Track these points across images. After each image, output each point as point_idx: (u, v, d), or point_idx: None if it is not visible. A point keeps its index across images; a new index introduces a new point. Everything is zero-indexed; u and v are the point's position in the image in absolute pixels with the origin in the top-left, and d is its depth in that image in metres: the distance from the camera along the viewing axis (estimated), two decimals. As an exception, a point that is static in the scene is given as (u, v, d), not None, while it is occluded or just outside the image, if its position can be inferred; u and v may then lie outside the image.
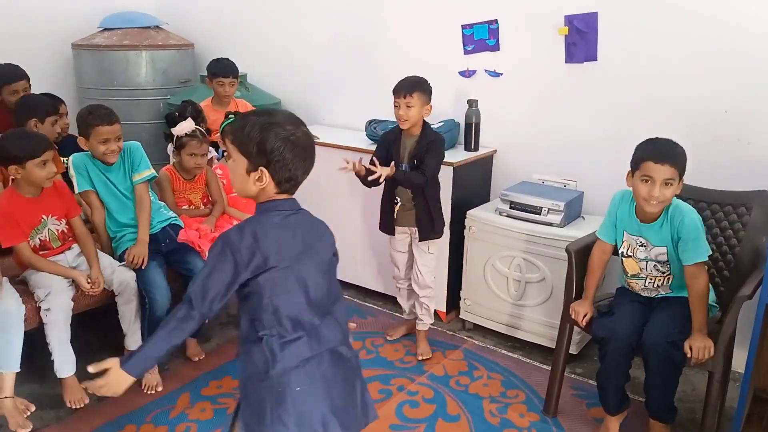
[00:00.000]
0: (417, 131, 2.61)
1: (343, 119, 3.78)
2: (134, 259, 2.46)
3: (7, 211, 2.29)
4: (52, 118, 2.83)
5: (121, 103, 3.92)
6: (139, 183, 2.61)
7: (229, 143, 1.44)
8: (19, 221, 2.31)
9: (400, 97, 2.54)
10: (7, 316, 2.17)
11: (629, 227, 2.15)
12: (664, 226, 2.07)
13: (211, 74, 3.44)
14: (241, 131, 1.41)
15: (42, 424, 2.30)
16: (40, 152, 2.26)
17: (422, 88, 2.55)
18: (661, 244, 2.09)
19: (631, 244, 2.16)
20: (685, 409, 2.44)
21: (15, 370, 2.21)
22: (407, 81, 2.56)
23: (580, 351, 2.76)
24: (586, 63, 2.87)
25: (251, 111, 1.57)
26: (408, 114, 2.54)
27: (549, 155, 3.07)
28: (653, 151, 2.00)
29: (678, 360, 1.99)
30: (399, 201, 2.69)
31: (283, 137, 1.40)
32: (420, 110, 2.55)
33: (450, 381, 2.61)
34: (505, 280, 2.85)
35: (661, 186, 1.98)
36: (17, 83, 3.15)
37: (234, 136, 1.43)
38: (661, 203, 2.02)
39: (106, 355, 2.73)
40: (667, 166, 1.97)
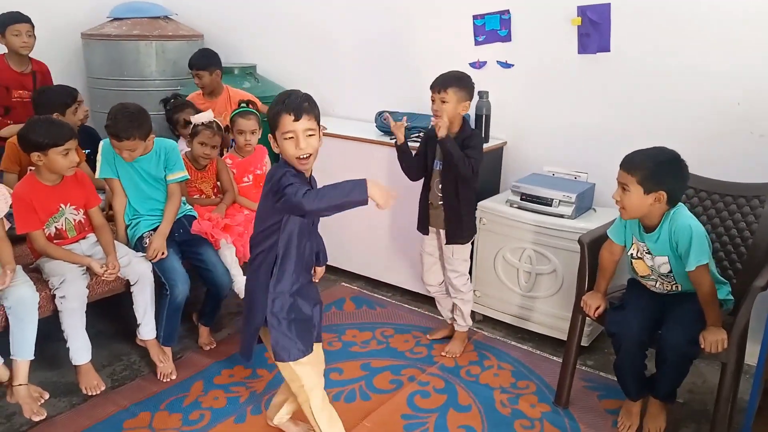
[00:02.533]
0: (455, 129, 2.50)
1: (352, 111, 3.77)
2: (155, 253, 2.48)
3: (27, 198, 2.30)
4: (72, 108, 2.85)
5: (131, 93, 3.93)
6: (173, 183, 2.64)
7: None
8: (36, 208, 2.32)
9: (435, 91, 2.46)
10: (22, 304, 2.18)
11: (636, 233, 2.16)
12: (661, 236, 2.07)
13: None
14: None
15: (56, 411, 2.31)
16: (63, 141, 2.27)
17: (459, 83, 2.46)
18: (661, 254, 2.09)
19: (639, 248, 2.16)
20: (696, 401, 2.44)
21: (29, 357, 2.22)
22: (444, 75, 2.48)
23: (591, 343, 2.76)
24: (598, 54, 2.86)
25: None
26: (441, 109, 2.45)
27: (560, 147, 3.07)
28: (624, 157, 2.06)
29: (694, 354, 2.00)
30: (430, 198, 2.64)
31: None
32: (456, 106, 2.45)
33: (460, 371, 2.61)
34: (515, 272, 2.86)
35: (620, 189, 2.04)
36: (20, 25, 3.22)
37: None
38: (623, 209, 2.06)
39: (120, 344, 2.80)
40: (621, 171, 2.04)
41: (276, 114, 1.71)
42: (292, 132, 1.70)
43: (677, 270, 2.09)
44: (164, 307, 2.48)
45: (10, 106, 3.29)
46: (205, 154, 2.81)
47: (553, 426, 2.28)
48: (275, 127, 1.73)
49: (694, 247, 1.99)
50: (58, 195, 2.39)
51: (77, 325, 2.31)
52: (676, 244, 2.04)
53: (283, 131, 1.71)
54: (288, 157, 1.74)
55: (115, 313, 2.66)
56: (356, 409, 2.34)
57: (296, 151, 1.71)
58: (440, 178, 2.57)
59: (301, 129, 1.70)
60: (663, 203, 2.00)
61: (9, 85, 3.28)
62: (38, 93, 2.96)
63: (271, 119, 1.74)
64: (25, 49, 3.29)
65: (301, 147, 1.71)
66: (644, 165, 1.98)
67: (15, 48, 3.26)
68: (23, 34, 3.24)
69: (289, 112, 1.69)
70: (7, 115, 3.30)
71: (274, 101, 1.75)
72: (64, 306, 2.27)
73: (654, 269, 2.13)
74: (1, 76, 3.26)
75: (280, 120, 1.70)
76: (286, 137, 1.71)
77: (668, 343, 2.01)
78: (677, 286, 2.14)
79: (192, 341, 2.79)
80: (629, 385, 2.19)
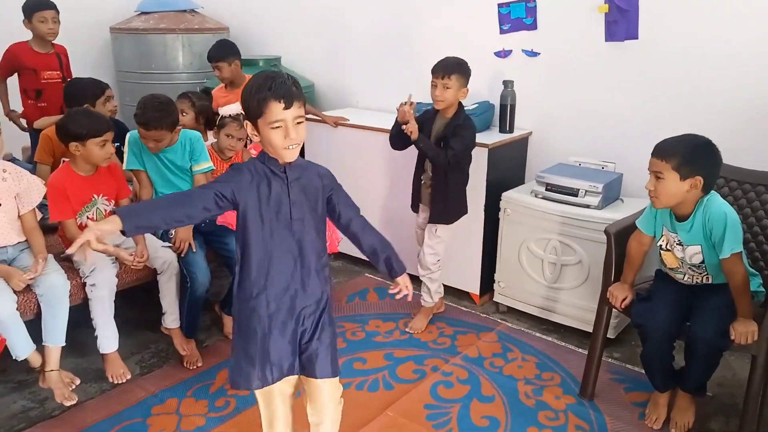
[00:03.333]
0: (450, 114, 2.59)
1: (375, 102, 3.77)
2: (181, 245, 2.51)
3: (61, 187, 2.36)
4: (101, 99, 2.91)
5: (158, 86, 3.98)
6: (198, 174, 2.67)
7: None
8: (70, 197, 2.38)
9: (438, 77, 2.51)
10: (53, 292, 2.24)
11: (668, 224, 2.11)
12: (695, 224, 2.02)
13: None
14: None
15: (86, 396, 2.37)
16: (102, 132, 2.33)
17: (461, 70, 2.52)
18: (693, 243, 2.04)
19: (670, 240, 2.11)
20: (725, 394, 2.40)
21: (61, 344, 2.28)
22: (447, 61, 2.53)
23: (617, 335, 2.72)
24: (626, 42, 2.80)
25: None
26: (444, 95, 2.52)
27: (587, 137, 3.02)
28: (655, 145, 2.00)
29: (725, 346, 1.96)
30: (423, 180, 2.71)
31: None
32: (456, 92, 2.53)
33: (484, 362, 2.60)
34: (540, 263, 2.83)
35: (653, 178, 1.98)
36: (46, 11, 3.31)
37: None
38: (655, 198, 2.00)
39: (148, 332, 2.84)
40: (654, 159, 1.97)
41: (261, 101, 1.48)
42: (282, 121, 1.49)
43: (709, 260, 2.04)
44: (185, 299, 2.52)
45: (41, 89, 3.39)
46: (231, 146, 2.84)
47: (578, 418, 2.26)
48: (258, 115, 1.51)
49: (729, 234, 1.94)
50: (92, 185, 2.44)
51: (106, 313, 2.36)
52: (710, 232, 1.99)
53: (270, 120, 1.49)
54: (273, 147, 1.53)
55: (144, 302, 2.70)
56: (379, 398, 2.35)
57: (285, 141, 1.51)
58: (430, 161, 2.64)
59: (291, 117, 1.50)
60: (699, 189, 1.95)
61: (36, 68, 3.38)
62: (69, 84, 3.02)
63: (254, 106, 1.50)
64: (51, 35, 3.38)
65: (292, 137, 1.51)
66: (679, 150, 1.93)
67: (41, 34, 3.36)
68: (49, 20, 3.34)
69: (278, 99, 1.47)
70: (39, 98, 3.41)
71: (253, 85, 1.52)
72: (94, 294, 2.32)
73: (684, 261, 2.09)
74: (27, 59, 3.37)
75: (267, 107, 1.48)
76: (273, 126, 1.50)
77: (698, 335, 1.98)
78: (707, 278, 2.09)
79: (218, 329, 2.83)
80: (657, 377, 2.16)
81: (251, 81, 1.53)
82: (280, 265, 1.60)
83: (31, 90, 3.41)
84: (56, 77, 3.42)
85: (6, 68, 3.43)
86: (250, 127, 1.55)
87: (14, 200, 2.27)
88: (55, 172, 2.47)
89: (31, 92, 3.42)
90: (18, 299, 2.17)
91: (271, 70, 1.55)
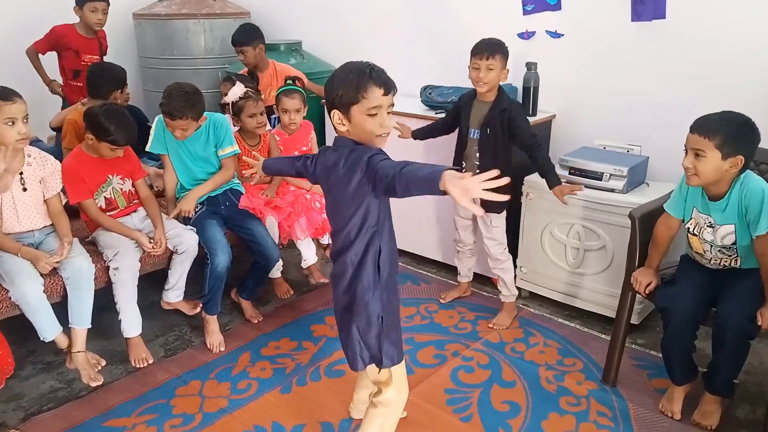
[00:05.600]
0: (491, 97, 2.52)
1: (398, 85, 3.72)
2: (181, 214, 2.58)
3: (74, 169, 2.41)
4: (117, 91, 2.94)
5: (181, 72, 4.01)
6: (225, 158, 2.69)
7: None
8: (85, 179, 2.42)
9: (482, 58, 2.43)
10: (79, 275, 2.28)
11: (699, 205, 2.05)
12: (730, 202, 1.96)
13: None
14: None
15: (112, 377, 2.41)
16: (120, 144, 2.39)
17: (503, 50, 2.46)
18: (727, 222, 1.99)
19: (699, 223, 2.06)
20: (752, 382, 2.35)
21: (87, 326, 2.33)
22: (489, 42, 2.46)
23: (641, 321, 2.68)
24: (654, 21, 2.73)
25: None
26: (488, 77, 2.44)
27: (612, 120, 2.96)
28: (695, 121, 1.93)
29: (753, 333, 1.91)
30: (464, 165, 2.64)
31: None
32: (499, 74, 2.45)
33: (505, 348, 2.59)
34: (563, 248, 2.79)
35: (692, 156, 1.91)
36: (98, 2, 3.49)
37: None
38: (694, 176, 1.93)
39: (172, 315, 2.88)
40: (696, 135, 1.90)
41: (360, 86, 1.51)
42: (379, 108, 1.53)
43: (741, 242, 1.99)
44: (206, 276, 2.53)
45: (80, 70, 3.51)
46: (259, 122, 2.79)
47: (600, 404, 2.24)
48: (354, 101, 1.53)
49: (766, 210, 1.89)
50: (106, 166, 2.48)
51: (129, 297, 2.40)
52: (745, 210, 1.94)
53: (369, 106, 1.52)
54: (366, 134, 1.56)
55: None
56: (400, 382, 2.36)
57: (380, 128, 1.55)
58: (478, 147, 2.57)
59: (387, 104, 1.55)
60: (738, 168, 1.90)
61: (79, 49, 3.54)
62: (97, 69, 3.01)
63: (350, 92, 1.52)
64: (99, 25, 3.56)
65: (387, 124, 1.55)
66: (723, 129, 1.87)
67: (90, 23, 3.52)
68: (99, 11, 3.51)
69: (379, 85, 1.52)
70: (77, 78, 3.56)
71: (349, 71, 1.55)
72: (117, 278, 2.36)
73: (714, 243, 2.04)
74: (71, 41, 3.53)
75: (368, 92, 1.51)
76: (371, 113, 1.53)
77: (725, 319, 1.93)
78: (736, 260, 2.04)
79: (238, 314, 2.86)
80: (675, 366, 2.11)
81: (342, 70, 1.57)
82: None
83: (69, 70, 3.58)
84: (95, 61, 3.55)
85: (47, 45, 3.57)
86: (337, 115, 1.57)
87: (39, 185, 2.31)
88: (67, 156, 2.50)
89: (69, 72, 3.59)
90: (45, 282, 2.22)
91: (356, 61, 1.59)
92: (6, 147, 2.14)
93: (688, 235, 2.12)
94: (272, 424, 2.14)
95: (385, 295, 1.69)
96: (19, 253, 2.20)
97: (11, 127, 2.12)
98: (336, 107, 1.57)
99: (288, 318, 2.85)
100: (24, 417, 2.19)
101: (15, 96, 2.13)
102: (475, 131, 2.56)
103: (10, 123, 2.11)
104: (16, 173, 2.23)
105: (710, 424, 2.09)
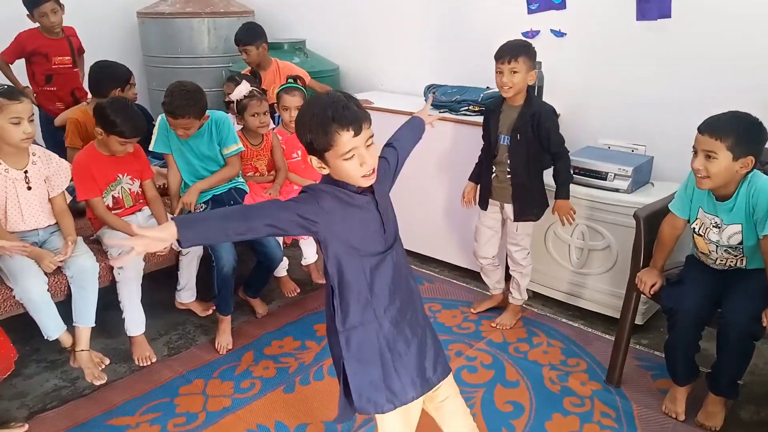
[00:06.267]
0: (520, 101, 2.44)
1: (401, 85, 3.74)
2: (181, 206, 2.58)
3: (86, 166, 2.41)
4: (127, 85, 2.93)
5: (184, 70, 4.01)
6: (229, 156, 2.69)
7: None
8: (95, 176, 2.42)
9: (504, 62, 2.34)
10: (83, 273, 2.28)
11: (705, 205, 2.04)
12: (737, 202, 1.95)
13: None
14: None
15: (116, 376, 2.42)
16: (128, 137, 2.37)
17: (528, 52, 2.37)
18: (734, 222, 1.98)
19: (705, 223, 2.05)
20: (757, 383, 2.34)
21: (90, 324, 2.33)
22: (512, 44, 2.39)
23: (646, 321, 2.67)
24: (659, 20, 2.72)
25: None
26: (513, 80, 2.35)
27: (616, 119, 2.95)
28: (704, 121, 1.91)
29: (758, 334, 1.90)
30: (495, 171, 2.57)
31: None
32: (525, 77, 2.36)
33: (509, 348, 2.59)
34: (566, 248, 2.79)
35: (703, 157, 1.89)
36: (43, 6, 3.29)
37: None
38: (706, 179, 1.90)
39: (176, 314, 2.88)
40: (705, 137, 1.87)
41: (325, 132, 1.30)
42: (354, 149, 1.32)
43: (748, 241, 1.98)
44: (214, 278, 2.54)
45: (52, 74, 3.42)
46: (262, 122, 2.79)
47: (604, 404, 2.23)
48: (326, 149, 1.33)
49: None
50: (116, 164, 2.49)
51: (133, 296, 2.40)
52: (752, 209, 1.93)
53: (342, 152, 1.32)
54: (350, 178, 1.37)
55: (171, 284, 2.74)
56: (403, 382, 2.35)
57: (361, 170, 1.35)
58: (508, 154, 2.50)
59: (362, 142, 1.33)
60: (748, 169, 1.89)
61: (48, 52, 3.41)
62: (101, 67, 2.98)
63: (319, 140, 1.32)
64: (56, 27, 3.39)
65: (368, 163, 1.34)
66: (734, 130, 1.85)
67: (46, 27, 3.37)
68: (48, 13, 3.32)
69: (345, 128, 1.30)
70: (49, 83, 3.44)
71: (313, 116, 1.32)
72: (122, 276, 2.36)
73: (719, 244, 2.03)
74: (39, 45, 3.39)
75: (335, 139, 1.30)
76: (346, 157, 1.33)
77: (729, 319, 1.93)
78: (742, 260, 2.03)
79: (241, 312, 2.85)
80: (678, 367, 2.10)
81: (307, 111, 1.35)
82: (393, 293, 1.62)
83: (40, 75, 3.45)
84: (67, 62, 3.46)
85: (14, 54, 3.44)
86: (315, 161, 1.38)
87: (44, 183, 2.32)
88: (79, 152, 2.51)
89: (40, 77, 3.45)
90: (49, 281, 2.22)
91: (323, 94, 1.37)
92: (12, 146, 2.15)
93: (693, 235, 2.12)
94: (275, 424, 2.14)
95: (354, 339, 1.48)
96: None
97: (17, 127, 2.13)
98: (311, 153, 1.38)
99: (292, 317, 2.85)
100: (28, 415, 2.20)
101: (21, 95, 2.15)
102: (506, 137, 2.49)
103: (15, 122, 2.12)
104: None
105: (714, 425, 2.09)
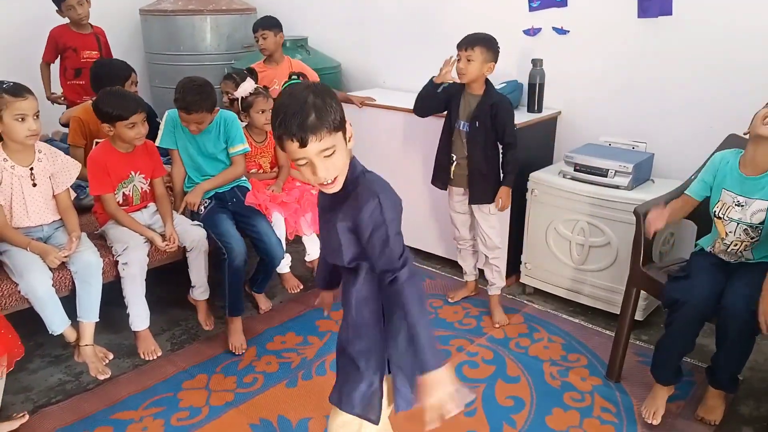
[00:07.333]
0: (479, 90, 2.56)
1: (403, 82, 3.74)
2: (187, 207, 2.61)
3: (101, 161, 2.43)
4: (126, 83, 2.94)
5: (187, 68, 4.01)
6: (235, 155, 2.71)
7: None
8: (109, 173, 2.45)
9: (461, 50, 2.51)
10: (87, 269, 2.29)
11: (731, 184, 2.05)
12: None
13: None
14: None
15: (120, 371, 2.44)
16: (128, 114, 2.37)
17: (485, 44, 2.49)
18: (764, 198, 1.98)
19: (726, 202, 2.06)
20: (757, 379, 2.36)
21: (94, 319, 2.35)
22: (473, 35, 2.52)
23: (646, 317, 2.69)
24: (660, 18, 2.73)
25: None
26: (467, 68, 2.49)
27: (617, 116, 2.96)
28: None
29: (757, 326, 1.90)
30: (455, 159, 2.66)
31: None
32: (480, 66, 2.49)
33: (510, 343, 2.60)
34: (567, 244, 2.80)
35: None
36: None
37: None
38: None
39: (179, 309, 2.90)
40: None
41: (277, 137, 1.27)
42: (304, 158, 1.26)
43: None
44: (225, 275, 2.54)
45: (81, 68, 3.56)
46: (268, 119, 2.78)
47: (604, 399, 2.25)
48: (283, 149, 1.29)
49: None
50: (130, 162, 2.50)
51: (137, 291, 2.41)
52: None
53: (292, 158, 1.27)
54: (311, 182, 1.33)
55: (175, 280, 2.76)
56: (404, 377, 2.37)
57: (315, 178, 1.28)
58: (466, 140, 2.60)
59: (314, 153, 1.25)
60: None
61: (77, 47, 3.58)
62: (99, 65, 3.05)
63: (276, 140, 1.30)
64: (84, 19, 3.56)
65: (319, 175, 1.27)
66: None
67: (74, 20, 3.55)
68: (75, 6, 3.50)
69: (290, 139, 1.22)
70: (78, 77, 3.59)
71: (274, 108, 1.29)
72: (126, 272, 2.38)
73: (741, 221, 2.03)
74: (68, 39, 3.57)
75: (285, 146, 1.26)
76: (299, 164, 1.28)
77: (729, 310, 1.92)
78: (755, 243, 2.03)
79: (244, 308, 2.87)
80: (667, 364, 2.09)
81: (275, 103, 1.31)
82: None
83: (70, 69, 3.61)
84: (95, 57, 3.58)
85: (51, 52, 3.62)
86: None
87: (49, 180, 2.33)
88: (96, 147, 2.54)
89: (70, 71, 3.61)
90: (53, 276, 2.23)
91: (300, 86, 1.29)
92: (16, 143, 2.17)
93: (713, 219, 2.12)
94: (278, 418, 2.16)
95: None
96: (29, 248, 2.22)
97: (21, 123, 2.14)
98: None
99: (294, 312, 2.86)
100: (32, 409, 2.22)
101: (26, 92, 2.15)
102: (465, 123, 2.58)
103: (20, 119, 2.13)
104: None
105: (714, 419, 2.10)
